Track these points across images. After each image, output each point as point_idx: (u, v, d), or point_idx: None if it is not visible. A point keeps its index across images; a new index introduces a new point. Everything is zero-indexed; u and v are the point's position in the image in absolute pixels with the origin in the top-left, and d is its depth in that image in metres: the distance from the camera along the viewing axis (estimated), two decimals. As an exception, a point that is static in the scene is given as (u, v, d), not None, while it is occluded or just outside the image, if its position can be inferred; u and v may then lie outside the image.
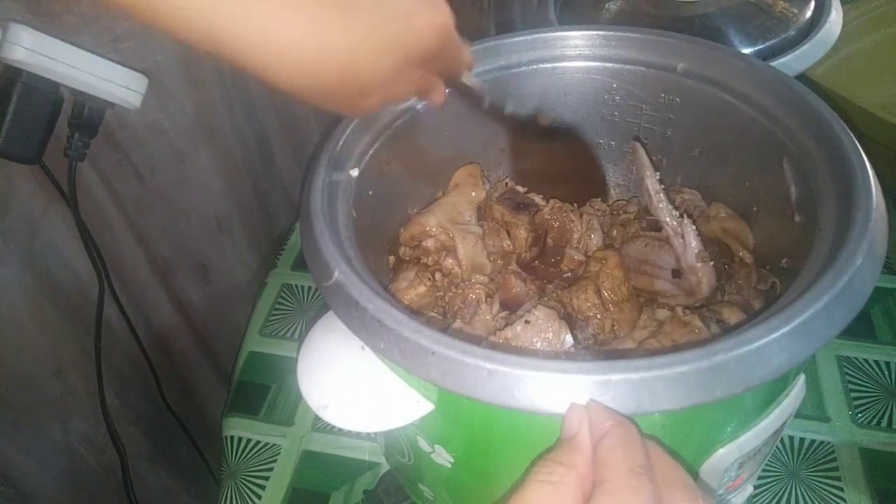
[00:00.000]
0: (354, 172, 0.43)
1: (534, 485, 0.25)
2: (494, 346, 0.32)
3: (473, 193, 0.50)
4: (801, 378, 0.37)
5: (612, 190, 0.57)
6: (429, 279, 0.45)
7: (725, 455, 0.34)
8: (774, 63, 0.56)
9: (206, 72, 0.66)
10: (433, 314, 0.43)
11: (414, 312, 0.42)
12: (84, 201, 0.57)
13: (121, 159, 0.61)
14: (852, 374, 0.55)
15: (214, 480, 0.82)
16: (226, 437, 0.61)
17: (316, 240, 0.36)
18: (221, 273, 0.77)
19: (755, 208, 0.47)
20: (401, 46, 0.32)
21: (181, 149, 0.66)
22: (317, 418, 0.61)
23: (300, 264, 0.75)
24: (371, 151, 0.45)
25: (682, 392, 0.27)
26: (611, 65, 0.50)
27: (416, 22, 0.32)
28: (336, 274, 0.34)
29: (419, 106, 0.47)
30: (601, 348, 0.41)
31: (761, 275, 0.44)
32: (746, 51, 0.59)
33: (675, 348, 0.37)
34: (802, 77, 0.58)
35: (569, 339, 0.39)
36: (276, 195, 0.84)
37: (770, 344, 0.28)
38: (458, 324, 0.40)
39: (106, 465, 0.68)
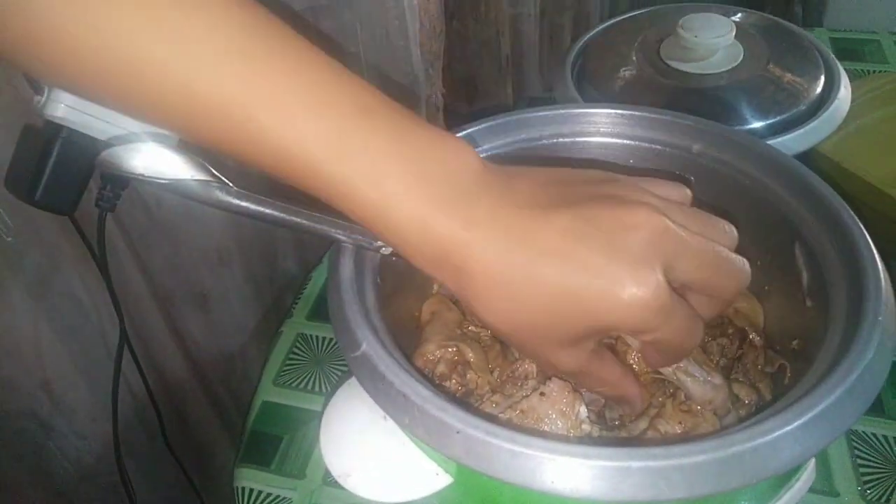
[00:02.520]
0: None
1: None
2: (518, 428, 0.33)
3: (451, 314, 0.50)
4: (812, 462, 0.37)
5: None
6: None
7: (738, 538, 0.35)
8: (784, 138, 0.58)
9: None
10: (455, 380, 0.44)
11: (437, 380, 0.43)
12: (92, 231, 0.58)
13: (130, 193, 0.63)
14: (861, 448, 0.56)
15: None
16: (237, 488, 0.62)
17: (344, 310, 0.37)
18: (220, 304, 0.78)
19: (767, 288, 0.48)
20: (597, 317, 0.30)
21: None
22: (328, 473, 0.61)
23: (315, 315, 0.76)
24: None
25: (699, 481, 0.28)
26: (629, 142, 0.51)
27: (619, 296, 0.30)
28: (363, 346, 0.35)
29: None
30: (614, 429, 0.42)
31: (769, 357, 0.45)
32: (757, 124, 0.61)
33: (690, 437, 0.38)
34: (812, 151, 0.60)
35: (583, 411, 0.40)
36: (281, 232, 0.85)
37: (785, 436, 0.29)
38: (496, 397, 0.41)
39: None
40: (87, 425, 0.67)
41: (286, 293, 0.85)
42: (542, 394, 0.40)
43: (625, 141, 0.51)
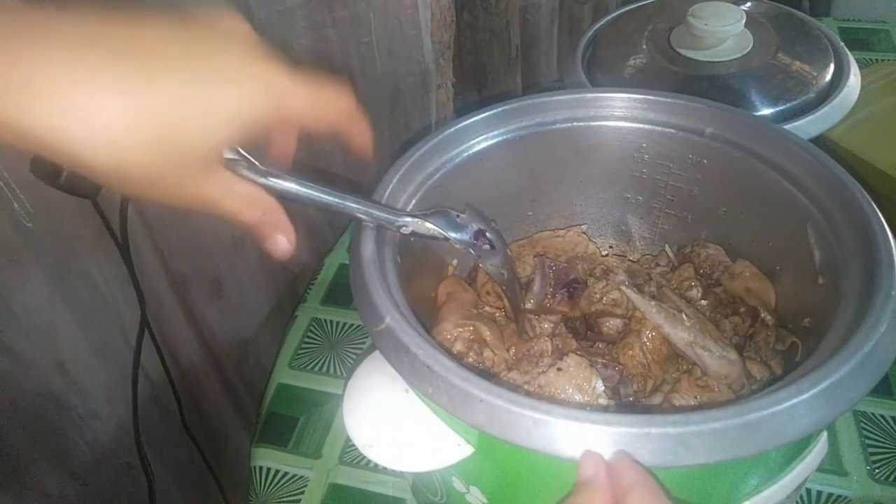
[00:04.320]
0: None
1: None
2: (540, 396, 0.34)
3: (466, 295, 0.51)
4: (824, 435, 0.38)
5: (637, 243, 0.59)
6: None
7: (750, 508, 0.36)
8: (794, 125, 0.59)
9: None
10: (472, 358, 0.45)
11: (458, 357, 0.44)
12: (112, 214, 0.59)
13: None
14: (869, 429, 0.56)
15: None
16: (254, 467, 0.63)
17: (367, 286, 0.38)
18: (234, 291, 0.80)
19: (778, 267, 0.49)
20: (231, 115, 0.30)
21: None
22: (343, 452, 0.62)
23: (329, 299, 0.77)
24: (413, 202, 0.47)
25: (716, 447, 0.29)
26: (641, 126, 0.52)
27: (247, 88, 0.30)
28: (387, 320, 0.36)
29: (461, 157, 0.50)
30: (631, 401, 0.42)
31: (780, 335, 0.45)
32: (767, 111, 0.61)
33: (707, 405, 0.39)
34: (821, 138, 0.61)
35: (599, 385, 0.41)
36: (294, 222, 0.86)
37: (799, 405, 0.30)
38: (513, 374, 0.42)
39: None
40: (102, 406, 0.68)
41: (299, 281, 0.86)
42: (559, 369, 0.40)
43: (638, 125, 0.52)
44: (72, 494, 0.67)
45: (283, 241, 0.37)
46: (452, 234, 0.44)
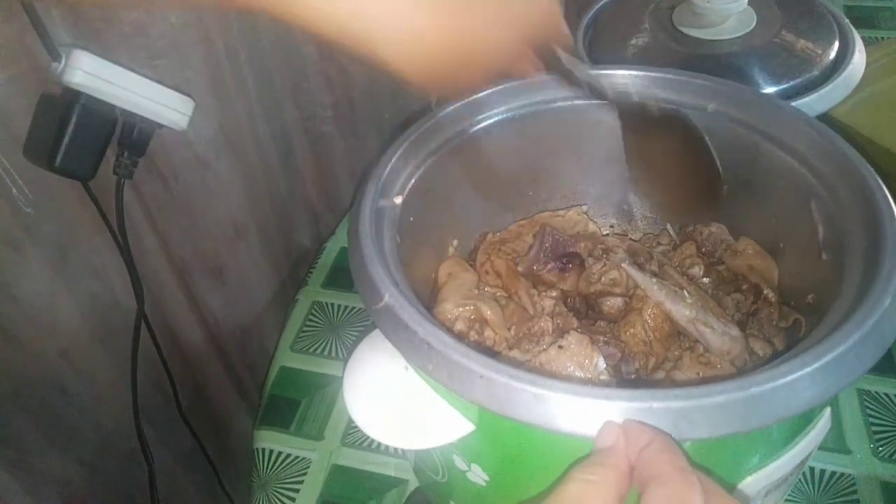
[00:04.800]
0: (398, 200, 0.45)
1: (576, 482, 0.27)
2: (539, 371, 0.34)
3: (467, 275, 0.51)
4: (827, 411, 0.38)
5: (639, 222, 0.59)
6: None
7: (754, 483, 0.36)
8: (798, 102, 0.58)
9: (231, 88, 0.69)
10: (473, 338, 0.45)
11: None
12: (110, 201, 0.59)
13: (149, 166, 0.64)
14: (873, 407, 0.56)
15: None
16: (257, 449, 0.63)
17: (365, 264, 0.38)
18: (236, 277, 0.80)
19: (781, 245, 0.48)
20: (515, 24, 0.34)
21: (204, 158, 0.69)
22: (346, 434, 0.62)
23: (330, 283, 0.77)
24: (413, 180, 0.47)
25: (719, 421, 0.29)
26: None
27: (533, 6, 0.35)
28: (386, 297, 0.36)
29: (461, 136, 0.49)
30: (633, 379, 0.42)
31: (784, 312, 0.45)
32: (771, 90, 0.61)
33: (710, 380, 0.38)
34: (825, 116, 0.60)
35: (601, 363, 0.41)
36: (296, 205, 0.86)
37: (802, 378, 0.30)
38: (514, 353, 0.42)
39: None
40: (106, 393, 0.68)
41: (301, 266, 0.86)
42: (560, 346, 0.40)
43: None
44: (78, 480, 0.68)
45: (529, 66, 0.39)
46: None
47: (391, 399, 0.37)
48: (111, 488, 0.72)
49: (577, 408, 0.29)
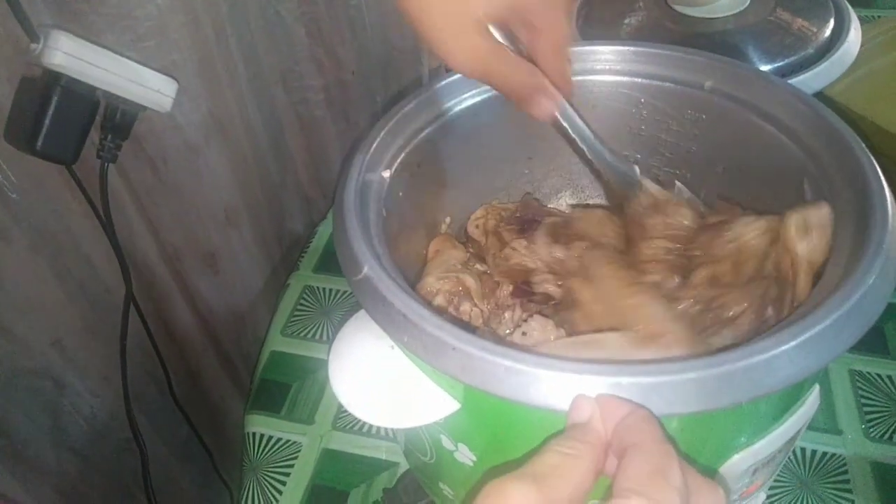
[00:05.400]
0: (386, 174, 0.44)
1: (553, 453, 0.27)
2: (512, 345, 0.33)
3: (455, 252, 0.51)
4: (816, 388, 0.37)
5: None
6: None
7: (741, 461, 0.35)
8: (792, 81, 0.57)
9: (220, 71, 0.68)
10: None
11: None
12: (96, 186, 0.59)
13: (136, 151, 0.64)
14: (865, 388, 0.56)
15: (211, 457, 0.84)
16: (248, 433, 0.63)
17: (347, 235, 0.37)
18: (228, 264, 0.80)
19: (775, 225, 0.47)
20: None
21: (194, 143, 0.69)
22: (336, 417, 0.62)
23: (322, 267, 0.77)
24: (402, 155, 0.46)
25: (691, 397, 0.28)
26: (639, 80, 0.51)
27: None
28: (365, 269, 0.35)
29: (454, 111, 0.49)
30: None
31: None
32: (765, 68, 0.60)
33: (686, 356, 0.38)
34: (820, 95, 0.59)
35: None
36: (287, 191, 0.86)
37: (779, 356, 0.29)
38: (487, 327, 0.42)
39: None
40: (99, 383, 0.68)
41: (293, 253, 0.86)
42: (524, 333, 0.40)
43: (635, 79, 0.51)
44: (72, 470, 0.68)
45: (545, 103, 0.39)
46: None
47: (377, 378, 0.37)
48: (105, 478, 0.72)
49: (548, 381, 0.29)
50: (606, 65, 0.51)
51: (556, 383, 0.29)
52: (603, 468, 0.27)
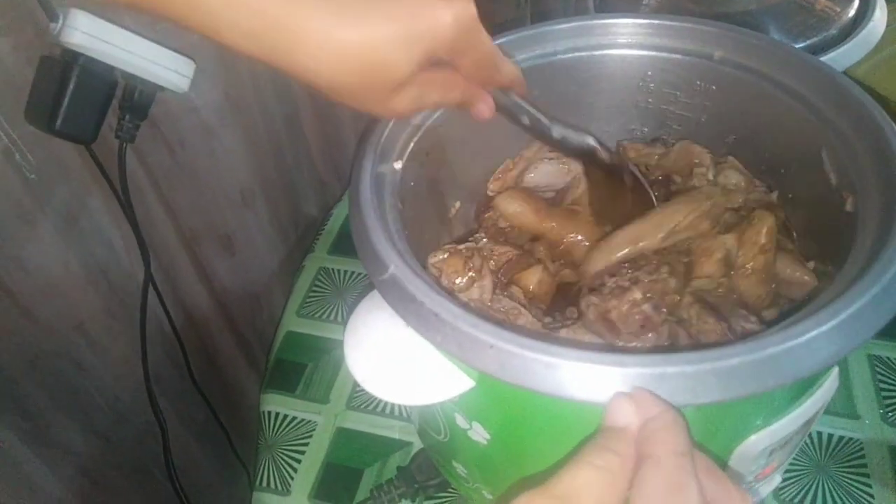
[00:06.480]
0: (398, 165, 0.43)
1: (586, 467, 0.26)
2: (552, 340, 0.33)
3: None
4: (835, 370, 0.37)
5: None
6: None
7: (757, 442, 0.35)
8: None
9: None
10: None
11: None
12: (115, 167, 0.58)
13: (154, 133, 0.63)
14: (883, 373, 0.56)
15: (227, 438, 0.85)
16: (263, 412, 0.63)
17: (368, 234, 0.37)
18: (245, 246, 0.79)
19: (791, 195, 0.47)
20: (419, 39, 0.33)
21: (210, 125, 0.68)
22: (351, 397, 0.63)
23: (337, 249, 0.77)
24: (412, 144, 0.45)
25: (734, 383, 0.28)
26: (647, 52, 0.50)
27: (434, 13, 0.33)
28: (391, 268, 0.35)
29: None
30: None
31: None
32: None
33: (725, 342, 0.38)
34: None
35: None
36: (302, 173, 0.85)
37: (818, 337, 0.29)
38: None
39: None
40: (121, 366, 0.68)
41: (308, 234, 0.86)
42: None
43: (643, 52, 0.50)
44: (96, 452, 0.69)
45: (483, 108, 0.41)
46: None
47: (391, 355, 0.36)
48: (127, 459, 0.73)
49: (592, 376, 0.29)
50: (613, 38, 0.50)
51: (600, 378, 0.29)
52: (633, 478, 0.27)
